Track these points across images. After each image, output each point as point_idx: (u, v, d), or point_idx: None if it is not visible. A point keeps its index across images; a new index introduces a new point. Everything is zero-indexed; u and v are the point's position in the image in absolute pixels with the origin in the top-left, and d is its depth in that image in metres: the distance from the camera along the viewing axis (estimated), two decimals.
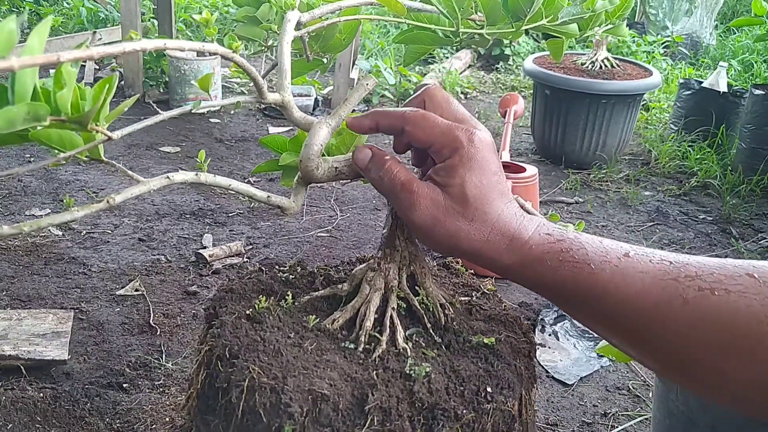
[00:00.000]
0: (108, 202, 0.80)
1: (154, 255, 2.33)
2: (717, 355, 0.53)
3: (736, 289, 0.53)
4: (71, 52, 0.61)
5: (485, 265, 0.68)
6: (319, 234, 2.60)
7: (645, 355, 0.59)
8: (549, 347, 2.04)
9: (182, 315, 1.99)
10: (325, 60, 1.23)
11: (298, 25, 0.99)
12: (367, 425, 0.74)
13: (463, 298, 0.95)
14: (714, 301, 0.54)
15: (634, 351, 0.60)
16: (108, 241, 2.39)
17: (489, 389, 0.78)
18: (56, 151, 0.85)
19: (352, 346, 0.84)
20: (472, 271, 1.06)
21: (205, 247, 2.39)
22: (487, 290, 1.00)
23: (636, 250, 0.60)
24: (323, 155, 0.87)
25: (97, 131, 0.77)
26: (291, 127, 3.55)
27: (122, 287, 2.11)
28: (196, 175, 0.85)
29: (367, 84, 0.91)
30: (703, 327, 0.54)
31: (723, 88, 3.67)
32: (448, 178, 0.68)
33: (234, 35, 0.89)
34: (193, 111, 0.83)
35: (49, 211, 2.56)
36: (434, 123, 0.70)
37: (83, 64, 4.37)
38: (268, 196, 0.91)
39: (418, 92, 0.76)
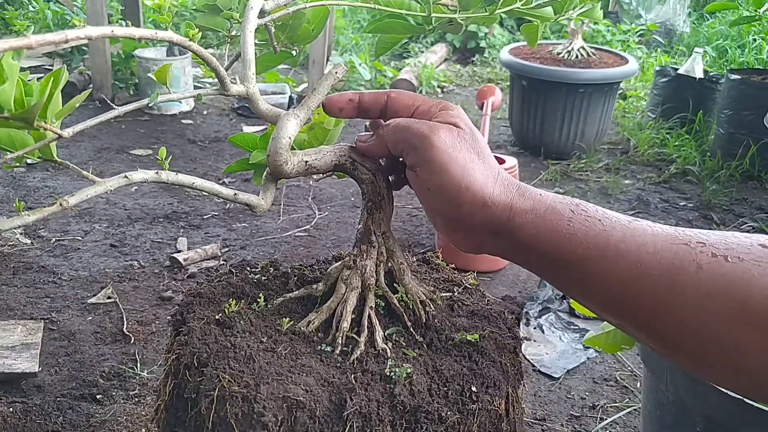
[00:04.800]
0: (61, 204, 0.75)
1: (126, 261, 2.26)
2: (731, 327, 0.49)
3: (749, 258, 0.50)
4: (6, 41, 0.56)
5: (494, 215, 0.62)
6: (297, 234, 2.55)
7: (654, 333, 0.54)
8: (534, 340, 2.01)
9: (157, 322, 1.93)
10: (293, 52, 1.18)
11: (262, 13, 0.94)
12: None
13: (444, 294, 0.91)
14: (728, 269, 0.50)
15: (642, 329, 0.55)
16: (78, 248, 2.32)
17: (474, 389, 0.74)
18: (8, 153, 0.80)
19: (328, 348, 0.80)
20: (453, 266, 1.02)
21: (179, 251, 2.33)
22: (469, 285, 0.95)
23: (640, 219, 0.57)
24: (293, 149, 0.82)
25: (46, 129, 0.71)
26: (267, 126, 3.49)
27: (94, 295, 2.04)
28: (157, 173, 0.80)
29: (336, 72, 0.86)
30: (717, 295, 0.50)
31: (699, 74, 3.67)
32: (451, 119, 0.67)
33: (191, 23, 0.85)
34: (150, 105, 0.77)
35: None
36: (417, 94, 0.71)
37: (49, 67, 4.27)
38: (235, 194, 0.86)
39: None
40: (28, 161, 2.57)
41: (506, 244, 0.63)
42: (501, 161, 2.46)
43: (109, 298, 2.03)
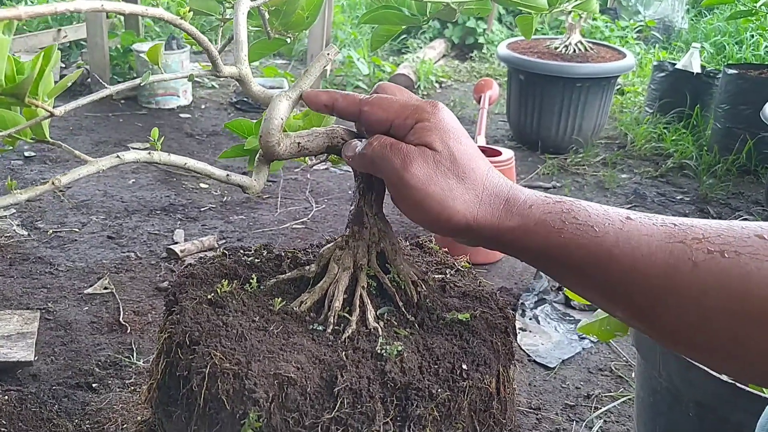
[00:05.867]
0: (53, 183, 0.76)
1: (123, 252, 2.27)
2: (730, 321, 0.49)
3: (746, 251, 0.49)
4: None
5: (481, 235, 0.63)
6: (294, 226, 2.55)
7: (653, 326, 0.54)
8: (530, 331, 2.01)
9: (153, 312, 1.94)
10: (288, 39, 1.18)
11: None
12: (336, 408, 0.70)
13: (436, 276, 0.91)
14: (725, 264, 0.50)
15: (641, 322, 0.55)
16: (75, 240, 2.33)
17: (464, 366, 0.75)
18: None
19: (320, 328, 0.80)
20: (446, 249, 1.02)
21: (176, 243, 2.33)
22: (462, 267, 0.96)
23: (637, 214, 0.57)
24: (285, 131, 0.82)
25: (37, 106, 0.72)
26: None
27: (90, 286, 2.05)
28: (149, 153, 0.80)
29: (328, 53, 0.87)
30: (715, 291, 0.50)
31: (696, 69, 3.67)
32: (426, 138, 0.64)
33: (183, 1, 0.85)
34: (141, 84, 0.78)
35: (14, 211, 2.48)
36: (392, 100, 0.68)
37: None
38: (227, 175, 0.86)
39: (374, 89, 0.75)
40: (26, 154, 2.55)
41: (499, 249, 0.64)
42: (497, 153, 2.46)
43: (105, 288, 2.03)
